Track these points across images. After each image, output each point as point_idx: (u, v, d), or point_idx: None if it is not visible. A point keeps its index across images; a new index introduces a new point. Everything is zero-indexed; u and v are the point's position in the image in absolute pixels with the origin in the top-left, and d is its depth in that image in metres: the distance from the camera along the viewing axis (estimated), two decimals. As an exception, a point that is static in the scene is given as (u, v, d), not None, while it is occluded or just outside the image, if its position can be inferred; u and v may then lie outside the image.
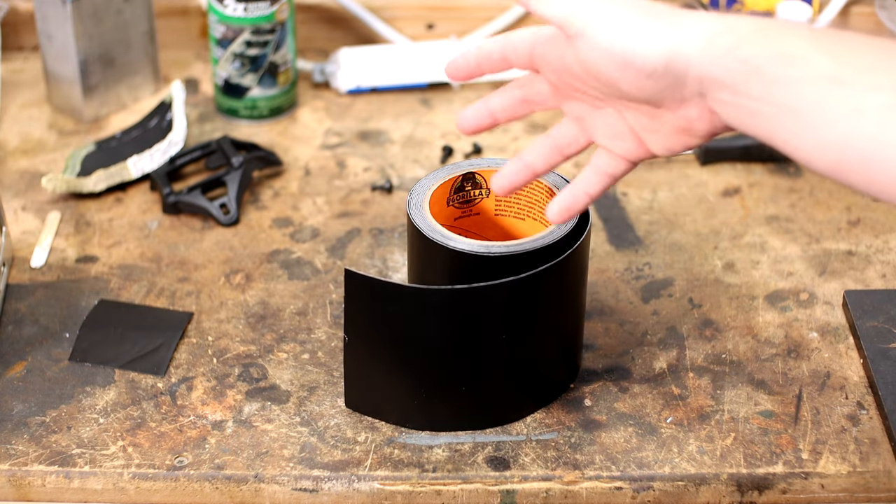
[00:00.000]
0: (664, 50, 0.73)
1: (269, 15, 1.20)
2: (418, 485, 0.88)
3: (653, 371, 0.96)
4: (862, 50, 0.69)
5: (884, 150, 0.66)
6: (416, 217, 0.90)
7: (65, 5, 1.18)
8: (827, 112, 0.68)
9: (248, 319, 1.01)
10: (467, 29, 1.35)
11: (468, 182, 0.95)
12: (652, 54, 0.73)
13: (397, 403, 0.91)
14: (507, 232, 0.97)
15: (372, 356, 0.89)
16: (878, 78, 0.67)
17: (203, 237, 1.10)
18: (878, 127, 0.66)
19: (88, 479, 0.89)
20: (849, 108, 0.67)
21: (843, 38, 0.70)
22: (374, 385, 0.91)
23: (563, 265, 0.87)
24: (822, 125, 0.68)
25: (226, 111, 1.25)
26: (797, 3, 1.30)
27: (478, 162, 0.95)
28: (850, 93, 0.67)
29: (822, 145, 0.69)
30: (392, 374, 0.90)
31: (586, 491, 0.88)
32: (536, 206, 0.95)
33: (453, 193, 0.95)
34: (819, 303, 1.03)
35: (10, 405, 0.93)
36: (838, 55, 0.68)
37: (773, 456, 0.89)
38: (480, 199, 0.96)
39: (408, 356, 0.89)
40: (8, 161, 1.19)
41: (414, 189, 0.92)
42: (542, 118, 1.25)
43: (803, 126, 0.69)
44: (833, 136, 0.68)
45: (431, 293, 0.85)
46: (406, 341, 0.88)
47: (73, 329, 1.00)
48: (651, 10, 0.75)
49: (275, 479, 0.88)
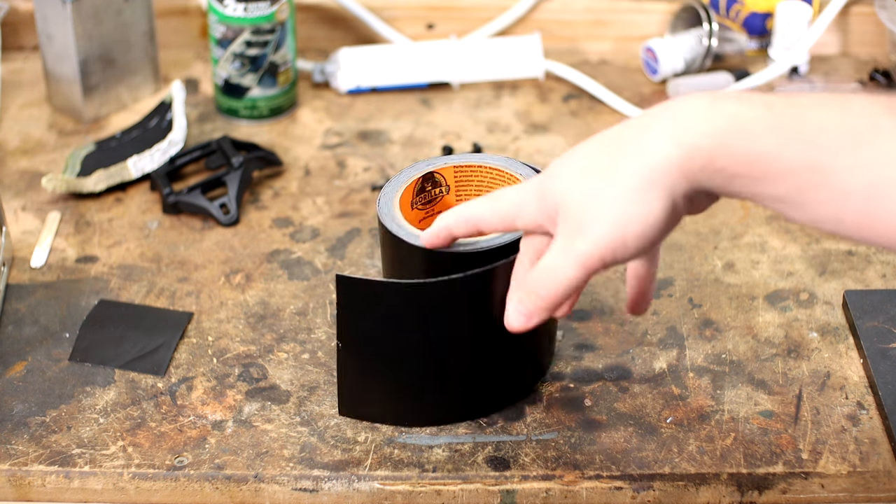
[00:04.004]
0: (659, 208, 0.72)
1: (269, 15, 1.20)
2: (418, 485, 0.88)
3: (653, 371, 0.96)
4: (829, 125, 0.69)
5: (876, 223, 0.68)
6: (392, 227, 0.89)
7: (65, 5, 1.18)
8: (813, 197, 0.69)
9: (248, 319, 1.01)
10: (467, 29, 1.35)
11: (428, 182, 0.95)
12: (647, 220, 0.72)
13: (395, 405, 0.91)
14: None
15: (367, 359, 0.89)
16: (856, 158, 0.68)
17: (203, 237, 1.10)
18: (866, 205, 0.68)
19: (88, 479, 0.89)
20: (833, 191, 0.69)
21: (802, 115, 0.70)
22: (371, 388, 0.91)
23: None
24: (813, 208, 0.70)
25: (226, 111, 1.25)
26: (797, 3, 1.30)
27: (434, 160, 0.95)
28: (833, 178, 0.68)
29: (816, 220, 0.71)
30: (389, 375, 0.90)
31: (586, 491, 0.88)
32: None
33: (415, 196, 0.94)
34: (819, 303, 1.03)
35: (10, 405, 0.93)
36: (808, 137, 0.69)
37: (773, 456, 0.89)
38: (441, 197, 0.96)
39: (405, 354, 0.89)
40: (8, 161, 1.19)
41: (381, 199, 0.91)
42: (542, 118, 1.25)
43: (799, 212, 0.71)
44: (825, 214, 0.70)
45: (428, 286, 0.85)
46: (403, 339, 0.88)
47: (73, 329, 1.00)
48: (614, 154, 0.73)
49: (275, 479, 0.88)
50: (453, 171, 0.95)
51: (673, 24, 1.33)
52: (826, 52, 1.35)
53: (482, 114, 1.26)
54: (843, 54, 1.35)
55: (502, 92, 1.29)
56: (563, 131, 1.23)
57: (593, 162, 0.74)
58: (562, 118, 1.25)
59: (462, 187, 0.96)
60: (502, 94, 1.29)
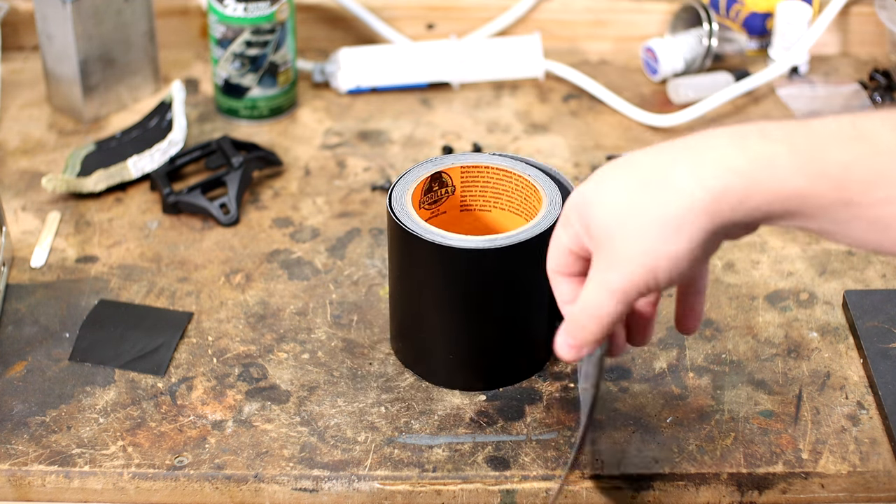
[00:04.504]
0: (687, 248, 0.72)
1: (269, 15, 1.20)
2: (418, 485, 0.88)
3: (653, 371, 0.96)
4: (853, 162, 0.68)
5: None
6: (407, 223, 0.90)
7: (65, 5, 1.18)
8: (851, 228, 0.70)
9: (248, 319, 1.01)
10: (467, 29, 1.35)
11: (435, 182, 0.95)
12: (676, 257, 0.72)
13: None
14: (476, 225, 0.97)
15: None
16: (887, 191, 0.68)
17: (203, 237, 1.10)
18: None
19: (88, 478, 0.89)
20: (870, 223, 0.69)
21: (826, 153, 0.69)
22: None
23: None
24: (853, 237, 0.70)
25: (226, 111, 1.25)
26: (797, 3, 1.30)
27: (441, 159, 0.95)
28: (867, 211, 0.68)
29: (859, 246, 0.71)
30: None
31: (586, 491, 0.88)
32: (504, 197, 0.95)
33: (423, 195, 0.94)
34: (819, 303, 1.03)
35: (10, 405, 0.93)
36: (834, 175, 0.68)
37: (773, 456, 0.89)
38: (447, 197, 0.96)
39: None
40: (8, 161, 1.19)
41: (393, 197, 0.92)
42: (542, 118, 1.25)
43: (840, 239, 0.71)
44: (866, 240, 0.70)
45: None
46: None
47: (73, 329, 1.00)
48: (642, 192, 0.73)
49: (275, 479, 0.88)
50: (460, 172, 0.95)
51: (673, 24, 1.33)
52: (826, 52, 1.35)
53: (482, 114, 1.26)
54: (843, 54, 1.35)
55: (502, 92, 1.29)
56: (563, 131, 1.23)
57: (622, 197, 0.73)
58: (562, 118, 1.25)
59: (467, 188, 0.96)
60: (502, 94, 1.29)
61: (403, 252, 0.91)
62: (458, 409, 0.93)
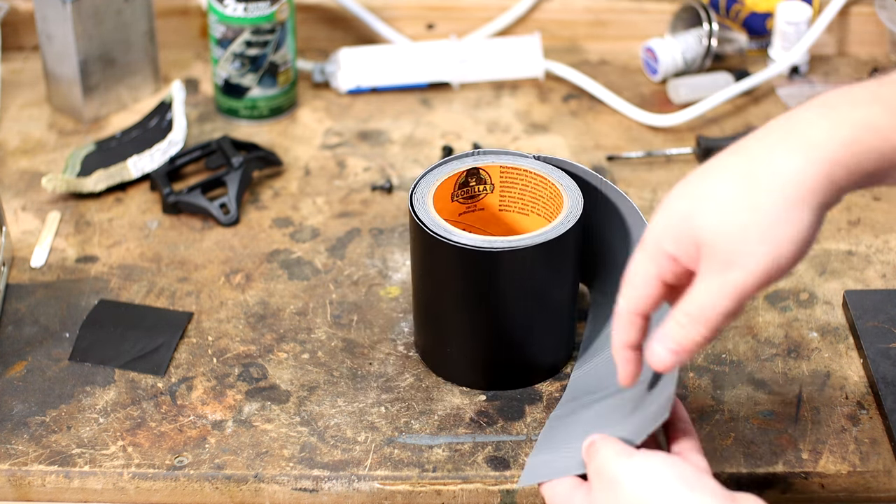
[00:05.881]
0: (807, 224, 0.72)
1: (269, 15, 1.20)
2: (418, 484, 0.88)
3: (653, 371, 0.96)
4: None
5: None
6: (420, 213, 0.90)
7: (65, 5, 1.18)
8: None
9: (248, 319, 1.01)
10: (467, 29, 1.35)
11: (472, 177, 0.95)
12: (798, 237, 0.72)
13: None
14: (511, 227, 0.97)
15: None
16: None
17: (203, 237, 1.10)
18: None
19: (88, 478, 0.89)
20: None
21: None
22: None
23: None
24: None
25: (226, 111, 1.25)
26: (797, 3, 1.30)
27: (482, 157, 0.95)
28: None
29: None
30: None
31: (586, 491, 0.88)
32: (541, 202, 0.95)
33: (457, 189, 0.95)
34: (819, 303, 1.03)
35: (10, 405, 0.93)
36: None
37: (773, 456, 0.89)
38: (485, 195, 0.96)
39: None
40: (8, 161, 1.19)
41: (417, 185, 0.93)
42: (542, 118, 1.25)
43: None
44: None
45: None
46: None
47: (73, 329, 1.00)
48: (748, 183, 0.73)
49: (275, 479, 0.88)
50: (499, 171, 0.95)
51: (673, 24, 1.33)
52: (826, 52, 1.35)
53: (482, 114, 1.26)
54: (842, 54, 1.35)
55: (502, 92, 1.29)
56: (563, 131, 1.23)
57: (727, 194, 0.73)
58: (562, 118, 1.26)
59: (507, 189, 0.96)
60: (502, 94, 1.29)
61: (424, 250, 0.92)
62: (458, 409, 0.93)
